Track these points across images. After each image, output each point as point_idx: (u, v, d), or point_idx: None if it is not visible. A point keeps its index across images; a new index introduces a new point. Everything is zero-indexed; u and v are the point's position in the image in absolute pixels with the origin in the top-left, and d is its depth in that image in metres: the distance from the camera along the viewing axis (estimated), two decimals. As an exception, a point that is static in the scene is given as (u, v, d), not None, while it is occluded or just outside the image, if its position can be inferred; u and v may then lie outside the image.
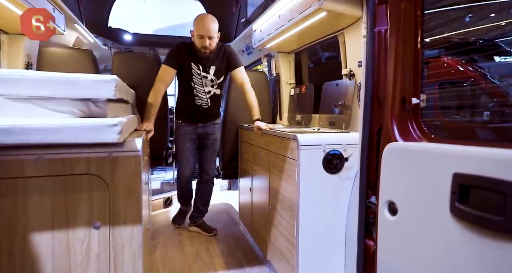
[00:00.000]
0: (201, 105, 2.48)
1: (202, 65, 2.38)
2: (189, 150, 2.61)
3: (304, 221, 1.76)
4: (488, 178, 0.92)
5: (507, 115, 1.43)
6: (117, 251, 1.44)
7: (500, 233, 0.89)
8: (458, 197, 1.00)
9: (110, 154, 1.38)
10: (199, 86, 2.42)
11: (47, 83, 1.25)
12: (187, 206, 3.02)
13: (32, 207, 1.29)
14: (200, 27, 2.23)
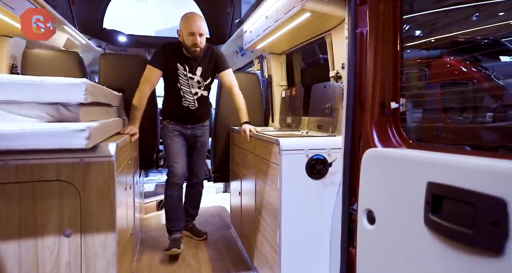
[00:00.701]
0: (188, 107, 2.43)
1: (189, 66, 2.33)
2: (179, 146, 2.46)
3: (286, 227, 1.71)
4: (459, 189, 0.86)
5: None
6: (89, 259, 1.40)
7: (470, 247, 0.83)
8: (432, 208, 0.94)
9: (82, 160, 1.35)
10: (186, 87, 2.37)
11: (10, 86, 1.22)
12: (179, 229, 2.51)
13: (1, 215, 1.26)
14: (190, 25, 2.19)
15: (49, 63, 2.44)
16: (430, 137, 1.29)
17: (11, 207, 1.26)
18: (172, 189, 2.46)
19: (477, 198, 0.81)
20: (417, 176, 1.00)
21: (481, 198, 0.80)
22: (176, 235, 2.44)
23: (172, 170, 2.44)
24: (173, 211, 2.50)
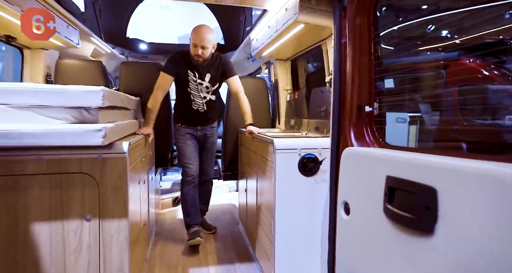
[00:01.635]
0: (197, 109, 2.64)
1: (198, 72, 2.55)
2: (191, 148, 2.67)
3: (280, 220, 1.87)
4: (406, 181, 1.00)
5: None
6: (106, 241, 1.62)
7: (412, 229, 0.97)
8: (388, 198, 1.09)
9: (100, 155, 1.58)
10: (195, 91, 2.59)
11: (42, 93, 1.48)
12: (196, 223, 2.67)
13: (32, 201, 1.51)
14: (194, 37, 2.40)
15: (77, 71, 2.75)
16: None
17: (43, 194, 1.51)
18: (188, 187, 2.68)
19: (417, 188, 0.95)
20: (380, 171, 1.14)
21: (419, 188, 0.95)
22: (195, 228, 2.64)
23: (186, 171, 2.66)
24: (190, 207, 2.70)
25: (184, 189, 2.69)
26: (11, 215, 1.48)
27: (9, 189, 1.46)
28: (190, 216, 2.70)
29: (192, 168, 2.66)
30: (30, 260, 1.52)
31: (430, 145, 1.73)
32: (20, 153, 1.46)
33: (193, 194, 2.71)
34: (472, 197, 0.80)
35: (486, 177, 0.77)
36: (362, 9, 1.36)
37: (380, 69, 1.38)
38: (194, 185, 2.70)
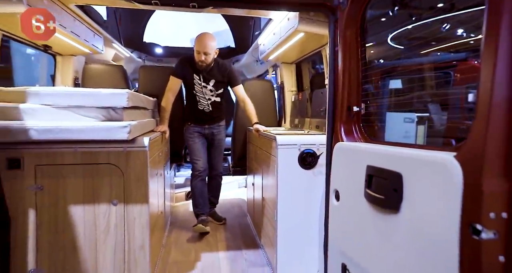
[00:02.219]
0: (203, 110, 2.89)
1: (203, 76, 2.78)
2: (199, 145, 2.92)
3: (282, 209, 2.09)
4: (380, 168, 1.21)
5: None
6: (130, 223, 1.88)
7: (384, 208, 1.18)
8: (368, 184, 1.30)
9: (125, 149, 1.83)
10: (200, 93, 2.83)
11: (78, 96, 1.74)
12: (204, 213, 2.91)
13: (69, 187, 1.77)
14: (197, 44, 2.64)
15: (101, 75, 3.04)
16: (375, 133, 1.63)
17: (78, 181, 1.78)
18: (196, 180, 2.93)
19: (387, 174, 1.16)
20: (363, 162, 1.36)
21: (389, 173, 1.16)
22: (202, 217, 2.89)
23: (195, 166, 2.93)
24: (198, 198, 2.96)
25: (193, 183, 2.95)
26: (53, 199, 1.75)
27: (51, 176, 1.73)
28: (198, 206, 2.95)
29: (199, 163, 2.91)
30: (68, 237, 1.78)
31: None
32: (60, 146, 1.73)
33: (201, 187, 2.96)
34: (425, 179, 1.00)
35: (434, 163, 0.97)
36: (351, 22, 1.57)
37: (367, 74, 1.58)
38: (202, 178, 2.95)
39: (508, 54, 0.82)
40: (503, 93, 0.82)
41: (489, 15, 0.85)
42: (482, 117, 0.85)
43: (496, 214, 0.83)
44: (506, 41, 0.82)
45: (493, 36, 0.83)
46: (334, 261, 1.61)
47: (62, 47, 2.60)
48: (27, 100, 1.74)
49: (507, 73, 0.82)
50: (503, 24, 0.82)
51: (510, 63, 0.82)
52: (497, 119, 0.83)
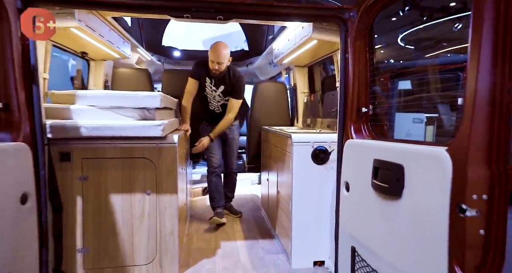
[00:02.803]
0: (214, 110, 3.12)
1: (214, 81, 3.00)
2: (214, 143, 3.12)
3: (296, 201, 2.29)
4: (385, 161, 1.41)
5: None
6: (161, 211, 2.11)
7: (389, 195, 1.38)
8: (374, 175, 1.50)
9: (157, 145, 2.07)
10: (211, 96, 3.07)
11: (118, 98, 1.98)
12: (219, 206, 3.13)
13: (111, 178, 2.01)
14: (211, 54, 2.83)
15: (128, 78, 3.30)
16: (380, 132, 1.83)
17: (117, 173, 2.02)
18: (211, 175, 3.17)
19: (391, 165, 1.37)
20: (370, 156, 1.55)
21: (393, 165, 1.36)
22: (219, 210, 3.13)
23: (210, 162, 3.17)
24: (214, 192, 3.20)
25: (209, 178, 3.20)
26: (96, 188, 1.99)
27: (95, 168, 1.98)
28: (214, 200, 3.19)
29: (214, 159, 3.14)
30: (109, 222, 2.02)
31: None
32: (103, 142, 1.97)
33: (216, 181, 3.19)
34: (423, 169, 1.20)
35: (430, 156, 1.17)
36: (360, 34, 1.77)
37: (374, 79, 1.78)
38: (217, 174, 3.19)
39: (488, 64, 1.01)
40: (484, 98, 1.02)
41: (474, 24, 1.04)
42: (467, 118, 1.04)
43: (478, 196, 1.02)
44: (486, 55, 1.01)
45: (476, 49, 1.03)
46: (344, 245, 1.82)
47: (96, 53, 2.87)
48: (76, 101, 1.99)
49: (488, 81, 1.02)
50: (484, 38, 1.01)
51: (490, 72, 1.01)
52: (480, 120, 1.03)
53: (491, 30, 0.99)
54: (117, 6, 1.73)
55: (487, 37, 0.99)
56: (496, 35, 0.98)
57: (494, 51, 0.99)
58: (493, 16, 0.99)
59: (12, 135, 1.49)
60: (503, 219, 1.00)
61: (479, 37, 1.00)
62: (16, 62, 1.48)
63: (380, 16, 1.71)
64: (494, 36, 0.99)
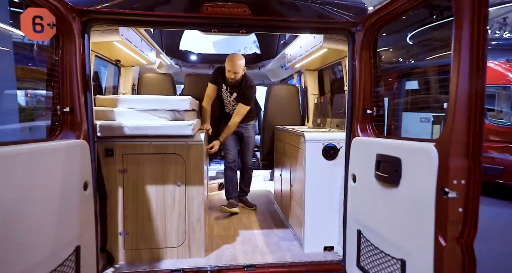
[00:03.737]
0: (229, 113, 3.45)
1: (229, 88, 3.31)
2: (230, 140, 3.46)
3: (308, 193, 2.56)
4: (386, 155, 1.68)
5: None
6: (190, 200, 2.40)
7: (389, 184, 1.65)
8: (377, 167, 1.77)
9: (186, 142, 2.36)
10: (226, 100, 3.40)
11: (154, 101, 2.29)
12: (233, 197, 3.48)
13: (147, 171, 2.31)
14: (228, 64, 3.13)
15: (153, 82, 3.61)
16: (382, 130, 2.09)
17: (152, 167, 2.32)
18: (227, 169, 3.53)
19: (391, 158, 1.63)
20: (373, 151, 1.82)
21: (392, 158, 1.62)
22: (231, 200, 3.46)
23: (226, 157, 3.52)
24: (229, 185, 3.56)
25: (224, 172, 3.58)
26: (134, 179, 2.30)
27: (133, 163, 2.28)
28: (228, 192, 3.57)
29: (229, 155, 3.48)
30: (145, 209, 2.33)
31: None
32: (140, 140, 2.27)
33: (231, 175, 3.54)
34: (416, 160, 1.47)
35: (421, 149, 1.44)
36: (365, 46, 2.03)
37: (378, 85, 2.05)
38: (232, 168, 3.52)
39: (466, 77, 1.27)
40: (463, 104, 1.28)
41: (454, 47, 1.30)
42: (449, 120, 1.31)
43: (458, 181, 1.29)
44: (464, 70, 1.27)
45: (456, 64, 1.29)
46: (351, 229, 2.08)
47: (127, 60, 3.19)
48: (118, 105, 2.30)
49: (465, 91, 1.28)
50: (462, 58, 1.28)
51: (467, 84, 1.28)
52: (459, 122, 1.29)
53: (468, 51, 1.25)
54: (159, 24, 2.04)
55: (465, 58, 1.25)
56: (471, 55, 1.24)
57: (470, 68, 1.25)
58: (470, 41, 1.25)
59: (76, 134, 1.80)
60: (477, 200, 1.26)
61: (458, 57, 1.27)
62: (79, 74, 1.78)
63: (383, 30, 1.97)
64: (471, 56, 1.25)
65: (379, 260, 1.73)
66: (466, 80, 1.27)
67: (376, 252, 1.77)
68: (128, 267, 2.25)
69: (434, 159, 1.35)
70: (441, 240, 1.31)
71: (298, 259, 2.43)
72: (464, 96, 1.28)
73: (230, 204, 3.42)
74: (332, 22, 2.16)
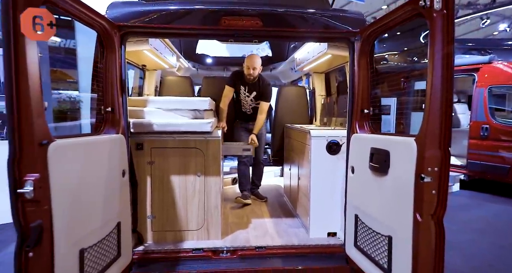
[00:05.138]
0: (246, 112, 3.78)
1: (248, 88, 3.64)
2: (244, 137, 3.81)
3: (314, 184, 2.85)
4: (377, 148, 1.97)
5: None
6: (208, 189, 2.73)
7: (380, 173, 1.93)
8: (371, 159, 2.05)
9: (206, 138, 2.69)
10: (244, 100, 3.73)
11: (178, 102, 2.63)
12: (245, 189, 3.83)
13: (171, 163, 2.65)
14: (248, 61, 3.48)
15: (174, 84, 3.97)
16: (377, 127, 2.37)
17: (175, 159, 2.65)
18: (241, 164, 3.87)
19: (381, 151, 1.92)
20: (368, 146, 2.10)
21: (382, 151, 1.91)
22: (245, 192, 3.79)
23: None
24: (242, 178, 3.90)
25: (239, 166, 3.92)
26: (160, 170, 2.64)
27: (159, 156, 2.62)
28: (241, 185, 3.91)
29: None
30: (170, 196, 2.67)
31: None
32: (165, 135, 2.61)
33: (244, 169, 3.89)
34: (400, 152, 1.75)
35: (404, 143, 1.72)
36: (363, 54, 2.32)
37: (375, 87, 2.32)
38: (245, 163, 3.86)
39: (438, 85, 1.55)
40: (435, 106, 1.56)
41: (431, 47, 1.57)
42: (425, 118, 1.58)
43: (431, 168, 1.56)
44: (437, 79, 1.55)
45: (431, 75, 1.56)
46: (350, 214, 2.37)
47: (151, 65, 3.55)
48: (147, 105, 2.65)
49: (438, 96, 1.55)
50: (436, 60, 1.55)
51: (440, 91, 1.55)
52: (433, 120, 1.56)
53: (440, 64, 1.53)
54: (184, 35, 2.38)
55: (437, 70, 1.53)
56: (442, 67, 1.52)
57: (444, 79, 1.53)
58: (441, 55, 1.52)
59: (115, 129, 2.15)
60: (446, 183, 1.54)
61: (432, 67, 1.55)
62: (118, 79, 2.13)
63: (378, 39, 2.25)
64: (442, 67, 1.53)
65: (372, 238, 2.02)
66: (438, 89, 1.54)
67: (369, 232, 2.06)
68: (155, 246, 2.60)
69: (413, 151, 1.63)
70: (418, 217, 1.59)
71: (304, 243, 2.72)
72: (436, 101, 1.55)
73: (244, 196, 3.75)
74: (334, 32, 2.45)
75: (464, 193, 6.50)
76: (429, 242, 1.57)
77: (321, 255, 2.59)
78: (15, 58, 1.24)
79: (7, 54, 1.22)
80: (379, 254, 1.93)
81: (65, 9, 1.55)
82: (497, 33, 19.45)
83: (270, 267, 2.45)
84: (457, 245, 3.70)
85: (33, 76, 1.30)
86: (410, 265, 1.62)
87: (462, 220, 4.65)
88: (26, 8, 1.24)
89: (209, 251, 2.57)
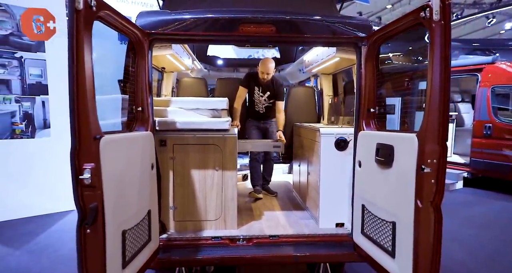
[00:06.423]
0: (259, 111, 4.01)
1: (262, 88, 3.87)
2: (255, 134, 4.07)
3: (323, 178, 3.06)
4: (383, 144, 2.17)
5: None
6: (225, 182, 2.95)
7: (385, 165, 2.14)
8: (377, 154, 2.26)
9: (223, 135, 2.91)
10: (257, 100, 3.96)
11: (198, 102, 2.85)
12: (257, 185, 4.07)
13: (191, 158, 2.88)
14: (262, 66, 3.72)
15: (189, 86, 4.21)
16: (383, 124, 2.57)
17: (195, 155, 2.88)
18: (252, 161, 4.11)
19: (386, 146, 2.12)
20: (374, 141, 2.31)
21: (387, 146, 2.12)
22: (257, 187, 4.02)
23: (252, 152, 4.06)
24: (254, 174, 4.13)
25: (250, 163, 4.16)
26: (181, 166, 2.87)
27: (181, 152, 2.85)
28: (253, 180, 4.14)
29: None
30: (190, 189, 2.90)
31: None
32: (186, 133, 2.84)
33: (255, 166, 4.13)
34: (403, 147, 1.96)
35: (407, 138, 1.93)
36: (369, 58, 2.52)
37: (380, 88, 2.53)
38: (257, 160, 4.10)
39: (437, 86, 1.75)
40: (435, 105, 1.76)
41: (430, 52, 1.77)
42: (426, 116, 1.79)
43: (431, 160, 1.77)
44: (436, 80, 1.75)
45: (430, 77, 1.77)
46: (357, 204, 2.58)
47: (170, 67, 3.79)
48: (170, 105, 2.88)
49: (437, 97, 1.76)
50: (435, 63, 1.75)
51: (438, 91, 1.75)
52: (432, 118, 1.77)
53: (438, 68, 1.73)
54: (205, 41, 2.61)
55: (436, 72, 1.74)
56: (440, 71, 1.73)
57: (442, 81, 1.73)
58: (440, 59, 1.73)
59: (145, 127, 2.38)
60: (443, 173, 1.74)
61: (431, 71, 1.75)
62: (146, 81, 2.37)
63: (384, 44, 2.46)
64: (441, 72, 1.73)
65: (377, 225, 2.23)
66: (437, 90, 1.75)
67: (375, 219, 2.27)
68: (177, 234, 2.83)
69: (415, 145, 1.83)
70: (419, 204, 1.79)
71: (314, 232, 2.94)
72: (435, 101, 1.76)
73: (256, 190, 3.98)
74: (342, 37, 2.66)
75: (467, 190, 6.67)
76: (429, 226, 1.78)
77: (330, 243, 2.80)
78: (77, 66, 1.47)
79: (70, 63, 1.45)
80: (384, 238, 2.14)
81: (110, 23, 1.78)
82: (503, 32, 19.44)
83: (283, 254, 2.67)
84: (461, 239, 3.89)
85: (89, 80, 1.53)
86: (412, 246, 1.83)
87: (465, 216, 4.83)
88: (85, 26, 1.45)
89: (227, 239, 2.79)
